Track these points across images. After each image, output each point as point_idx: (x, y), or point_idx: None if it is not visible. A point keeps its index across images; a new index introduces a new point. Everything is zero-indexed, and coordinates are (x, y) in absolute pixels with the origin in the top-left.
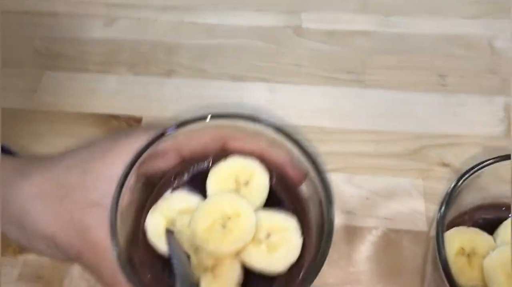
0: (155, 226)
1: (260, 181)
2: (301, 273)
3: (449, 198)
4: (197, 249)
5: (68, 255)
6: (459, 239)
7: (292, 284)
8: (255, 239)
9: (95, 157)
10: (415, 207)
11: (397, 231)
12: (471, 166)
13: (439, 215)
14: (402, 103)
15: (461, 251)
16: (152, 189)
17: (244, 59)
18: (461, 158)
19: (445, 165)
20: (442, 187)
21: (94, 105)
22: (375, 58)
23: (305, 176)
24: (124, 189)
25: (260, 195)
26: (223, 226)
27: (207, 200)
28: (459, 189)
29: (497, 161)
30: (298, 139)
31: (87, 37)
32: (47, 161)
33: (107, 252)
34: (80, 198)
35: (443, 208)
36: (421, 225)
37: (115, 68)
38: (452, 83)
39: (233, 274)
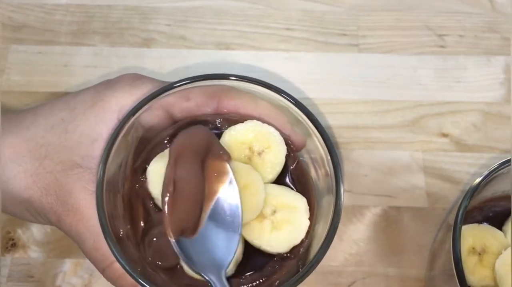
0: (157, 173)
1: (276, 155)
2: (301, 256)
3: (472, 194)
4: None
5: (48, 220)
6: (471, 237)
7: (290, 267)
8: (259, 214)
9: (76, 114)
10: (415, 182)
11: (397, 209)
12: (500, 162)
13: (459, 215)
14: (399, 69)
15: (472, 251)
16: (140, 153)
17: (227, 24)
18: (461, 127)
19: (444, 135)
20: (441, 160)
21: (69, 83)
22: (369, 17)
23: (305, 140)
24: (109, 161)
25: (272, 169)
26: None
27: None
28: (482, 185)
29: None
30: (302, 104)
31: (53, 3)
32: (23, 119)
33: (89, 217)
34: (61, 159)
35: (463, 204)
36: (422, 201)
37: (88, 39)
38: (451, 44)
39: None
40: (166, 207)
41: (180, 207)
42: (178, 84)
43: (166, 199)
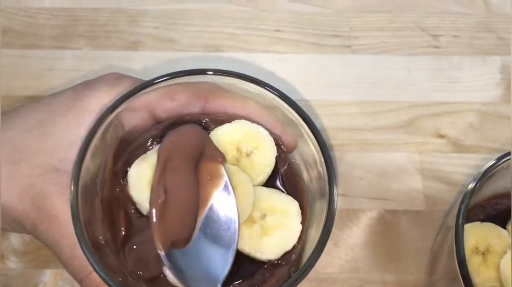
0: (139, 177)
1: (265, 156)
2: (293, 262)
3: (472, 192)
4: None
5: (23, 228)
6: (474, 236)
7: (281, 275)
8: (248, 218)
9: (56, 116)
10: (412, 185)
11: (394, 212)
12: (498, 156)
13: (461, 210)
14: (392, 70)
15: (476, 250)
16: (120, 154)
17: (216, 27)
18: (457, 128)
19: (441, 136)
20: (438, 161)
21: (52, 86)
22: (361, 18)
23: (296, 141)
24: (87, 157)
25: (262, 171)
26: None
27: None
28: (483, 182)
29: None
30: (293, 100)
31: (37, 7)
32: (4, 121)
33: (66, 225)
34: (38, 163)
35: (464, 203)
36: (419, 203)
37: (72, 42)
38: (445, 44)
39: None
40: (154, 218)
41: (171, 217)
42: (158, 80)
43: (154, 209)
